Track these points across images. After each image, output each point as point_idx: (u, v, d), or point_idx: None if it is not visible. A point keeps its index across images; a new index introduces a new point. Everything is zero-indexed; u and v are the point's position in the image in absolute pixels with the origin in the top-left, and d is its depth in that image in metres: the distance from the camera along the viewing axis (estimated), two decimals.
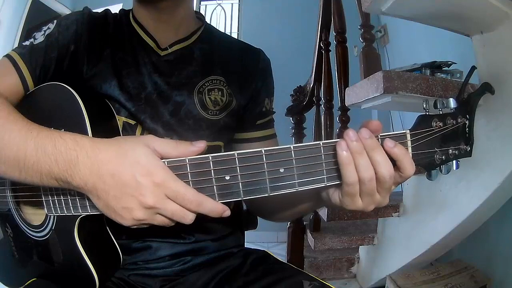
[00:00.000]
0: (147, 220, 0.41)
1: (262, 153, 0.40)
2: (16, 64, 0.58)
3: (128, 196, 0.40)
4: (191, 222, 0.42)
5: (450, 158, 0.44)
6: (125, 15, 0.68)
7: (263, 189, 0.41)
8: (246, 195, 0.41)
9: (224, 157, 0.41)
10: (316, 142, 0.41)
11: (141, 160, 0.40)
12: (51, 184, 0.44)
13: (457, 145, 0.44)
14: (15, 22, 2.66)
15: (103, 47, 0.62)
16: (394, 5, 0.97)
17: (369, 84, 1.08)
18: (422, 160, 0.43)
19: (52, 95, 0.56)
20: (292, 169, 0.41)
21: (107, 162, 0.40)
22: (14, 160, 0.43)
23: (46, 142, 0.42)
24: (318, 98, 1.91)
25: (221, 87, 0.66)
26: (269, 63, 0.73)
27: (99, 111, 0.57)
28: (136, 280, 0.63)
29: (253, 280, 0.60)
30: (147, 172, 0.39)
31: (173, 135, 0.62)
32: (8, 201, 0.62)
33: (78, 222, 0.51)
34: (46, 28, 0.61)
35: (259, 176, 0.41)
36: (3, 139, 0.44)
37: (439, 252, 1.45)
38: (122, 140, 0.43)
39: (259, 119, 0.71)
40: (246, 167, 0.41)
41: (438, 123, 0.43)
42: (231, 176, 0.41)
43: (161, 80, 0.63)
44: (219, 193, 0.41)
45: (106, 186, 0.40)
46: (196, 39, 0.69)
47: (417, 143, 0.43)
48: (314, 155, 0.41)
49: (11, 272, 0.66)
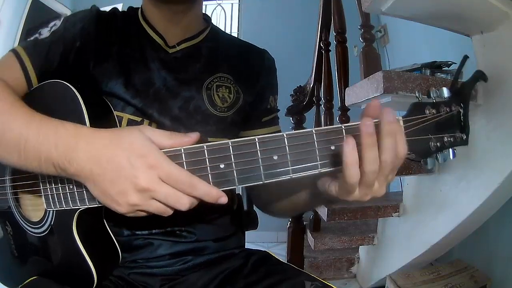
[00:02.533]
0: (141, 205, 0.41)
1: (256, 141, 0.41)
2: (19, 58, 0.58)
3: (123, 178, 0.40)
4: (186, 208, 0.42)
5: (445, 145, 0.43)
6: (133, 12, 0.69)
7: (258, 177, 0.41)
8: (241, 183, 0.42)
9: (218, 145, 0.41)
10: (308, 130, 0.41)
11: (136, 144, 0.41)
12: (49, 171, 0.44)
13: (452, 132, 0.43)
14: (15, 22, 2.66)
15: (110, 45, 0.63)
16: (394, 5, 0.97)
17: (369, 84, 1.08)
18: (417, 146, 0.43)
19: (53, 93, 0.56)
20: (286, 156, 0.41)
21: (103, 147, 0.41)
22: (15, 143, 0.44)
23: (49, 127, 0.44)
24: (318, 98, 1.92)
25: (229, 85, 0.67)
26: (273, 62, 0.75)
27: (99, 109, 0.58)
28: (136, 279, 0.63)
29: (255, 282, 0.60)
30: (140, 154, 0.40)
31: (180, 130, 0.62)
32: (8, 198, 0.62)
33: (77, 216, 0.51)
34: (53, 24, 0.62)
35: (253, 164, 0.41)
36: (6, 122, 0.45)
37: (439, 252, 1.45)
38: (119, 129, 0.44)
39: (264, 116, 0.72)
40: (240, 155, 0.41)
41: (432, 110, 0.43)
42: (226, 164, 0.41)
43: (170, 76, 0.64)
44: (214, 181, 0.42)
45: (102, 171, 0.41)
46: (203, 38, 0.69)
47: (410, 129, 0.42)
48: (307, 142, 0.41)
49: (10, 270, 0.66)
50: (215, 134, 0.64)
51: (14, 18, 2.65)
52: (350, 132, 0.41)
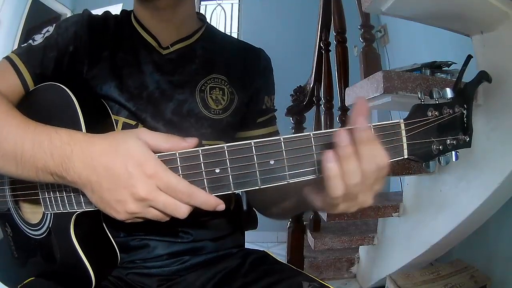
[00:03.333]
0: (140, 213, 0.41)
1: (252, 145, 0.40)
2: (14, 64, 0.58)
3: (121, 188, 0.40)
4: (184, 216, 0.41)
5: (448, 148, 0.42)
6: (126, 15, 0.68)
7: (254, 182, 0.41)
8: (237, 188, 0.41)
9: (214, 150, 0.40)
10: (306, 133, 0.40)
11: (133, 152, 0.40)
12: (47, 179, 0.44)
13: (455, 135, 0.42)
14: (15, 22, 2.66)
15: (103, 49, 0.62)
16: (394, 5, 0.97)
17: (369, 84, 1.08)
18: (419, 150, 0.42)
19: (49, 95, 0.56)
20: (283, 160, 0.40)
21: (100, 155, 0.40)
22: (12, 154, 0.44)
23: (42, 137, 0.43)
24: (318, 98, 1.91)
25: (223, 86, 0.66)
26: (269, 61, 0.74)
27: (95, 111, 0.58)
28: (134, 279, 0.63)
29: (252, 281, 0.59)
30: (138, 163, 0.39)
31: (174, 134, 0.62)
32: (7, 201, 0.62)
33: (74, 219, 0.51)
34: (46, 31, 0.62)
35: (249, 169, 0.40)
36: (2, 133, 0.45)
37: (439, 252, 1.45)
38: (115, 134, 0.43)
39: (260, 117, 0.71)
40: (236, 160, 0.40)
41: (434, 112, 0.42)
42: (221, 168, 0.40)
43: (163, 79, 0.63)
44: (210, 186, 0.41)
45: (100, 179, 0.40)
46: (198, 38, 0.69)
47: (412, 132, 0.41)
48: (304, 146, 0.40)
49: (10, 271, 0.66)
50: (210, 137, 0.64)
51: (14, 18, 2.65)
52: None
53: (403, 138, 0.41)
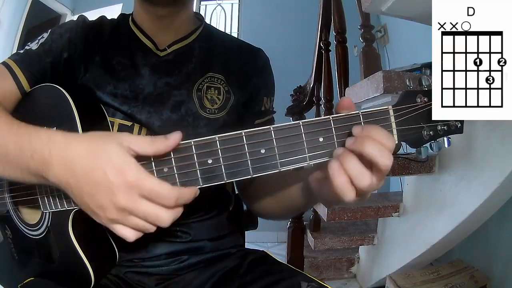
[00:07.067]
0: (119, 221, 0.40)
1: (242, 135, 0.41)
2: (10, 69, 0.59)
3: (101, 194, 0.39)
4: (167, 225, 0.41)
5: (439, 134, 0.42)
6: (123, 19, 0.69)
7: (246, 171, 0.41)
8: (229, 178, 0.41)
9: (205, 141, 0.41)
10: (295, 122, 0.41)
11: (113, 158, 0.39)
12: (31, 180, 0.44)
13: (446, 120, 0.42)
14: (15, 22, 2.67)
15: (97, 54, 0.63)
16: (394, 5, 0.97)
17: (369, 84, 1.08)
18: (409, 136, 0.42)
19: (46, 95, 0.57)
20: (273, 149, 0.41)
21: (78, 158, 0.39)
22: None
23: (24, 138, 0.43)
24: (318, 98, 1.91)
25: (218, 85, 0.66)
26: (268, 61, 0.73)
27: (91, 112, 0.58)
28: (132, 278, 0.63)
29: (251, 281, 0.59)
30: (118, 170, 0.38)
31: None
32: (6, 202, 0.62)
33: (72, 217, 0.51)
34: (40, 37, 0.63)
35: (241, 158, 0.41)
36: None
37: (439, 252, 1.45)
38: (94, 136, 0.42)
39: (257, 118, 0.70)
40: (228, 149, 0.41)
41: (423, 98, 0.42)
42: (213, 159, 0.41)
43: (161, 81, 0.63)
44: (203, 177, 0.41)
45: (80, 183, 0.40)
46: (195, 38, 0.69)
47: (401, 118, 0.41)
48: (294, 134, 0.41)
49: (10, 274, 0.66)
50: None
51: (14, 18, 2.65)
52: (338, 124, 0.41)
53: (392, 124, 0.42)
